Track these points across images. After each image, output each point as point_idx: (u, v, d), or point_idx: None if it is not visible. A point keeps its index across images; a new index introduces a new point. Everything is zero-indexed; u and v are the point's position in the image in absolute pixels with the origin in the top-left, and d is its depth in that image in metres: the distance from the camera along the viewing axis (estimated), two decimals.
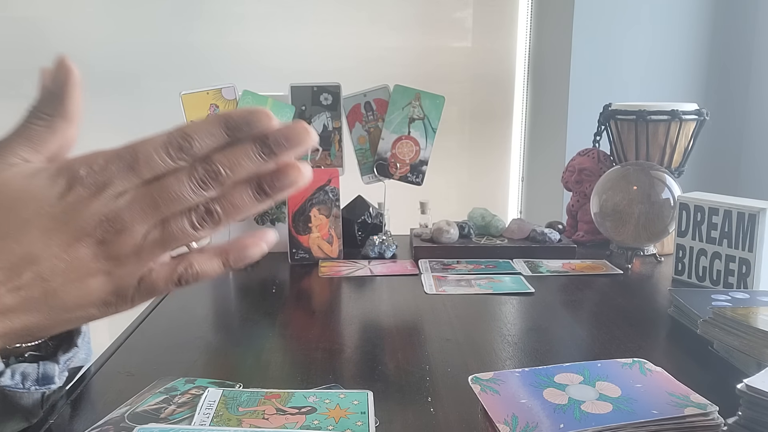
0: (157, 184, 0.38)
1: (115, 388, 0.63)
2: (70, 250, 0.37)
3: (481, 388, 0.56)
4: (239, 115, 0.39)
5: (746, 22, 1.71)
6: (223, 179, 0.38)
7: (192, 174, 0.38)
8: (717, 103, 1.70)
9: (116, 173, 0.37)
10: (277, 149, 0.39)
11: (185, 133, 0.38)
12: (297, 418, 0.54)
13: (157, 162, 0.37)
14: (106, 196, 0.37)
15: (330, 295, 0.94)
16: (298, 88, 1.13)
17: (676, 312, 0.81)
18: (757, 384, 0.48)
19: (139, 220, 0.38)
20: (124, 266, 0.39)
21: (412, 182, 1.14)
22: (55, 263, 0.37)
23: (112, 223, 0.37)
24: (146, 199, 0.38)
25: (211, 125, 0.38)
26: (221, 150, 0.39)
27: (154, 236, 0.38)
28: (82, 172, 0.37)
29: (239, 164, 0.39)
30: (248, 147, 0.39)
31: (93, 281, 0.38)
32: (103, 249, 0.38)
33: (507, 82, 1.97)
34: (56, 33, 1.83)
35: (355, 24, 1.90)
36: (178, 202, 0.38)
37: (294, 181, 0.40)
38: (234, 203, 0.39)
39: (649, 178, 1.06)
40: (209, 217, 0.39)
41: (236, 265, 0.43)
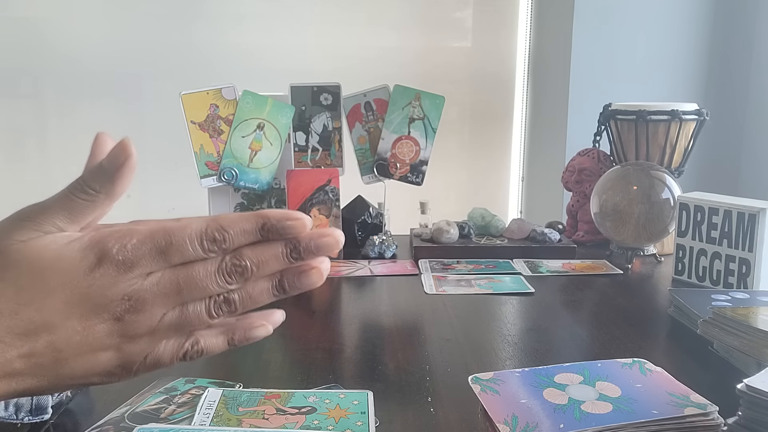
0: (184, 271, 0.38)
1: (115, 388, 0.62)
2: (87, 324, 0.37)
3: (481, 388, 0.56)
4: (277, 219, 0.39)
5: (746, 22, 1.71)
6: (248, 275, 0.39)
7: (220, 266, 0.39)
8: (717, 103, 1.70)
9: (147, 255, 0.38)
10: (305, 255, 0.40)
11: (221, 227, 0.38)
12: (297, 418, 0.54)
13: (189, 251, 0.38)
14: (132, 275, 0.37)
15: (330, 295, 0.94)
16: (298, 88, 1.13)
17: (676, 312, 0.81)
18: (757, 384, 0.48)
19: (160, 303, 0.38)
20: (135, 344, 0.39)
21: (412, 182, 1.14)
22: (71, 335, 0.37)
23: (134, 302, 0.38)
24: (171, 284, 0.38)
25: (248, 223, 0.39)
26: (251, 246, 0.39)
27: (170, 319, 0.39)
28: (114, 250, 0.37)
29: (267, 263, 0.40)
30: (278, 249, 0.40)
31: (103, 355, 0.39)
32: (120, 326, 0.38)
33: (507, 82, 1.97)
34: (56, 33, 1.83)
35: (355, 24, 1.90)
36: (201, 291, 0.39)
37: (315, 283, 0.41)
38: (253, 296, 0.40)
39: (649, 178, 1.06)
40: (227, 306, 0.40)
41: (240, 343, 0.44)
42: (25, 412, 0.55)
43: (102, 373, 0.40)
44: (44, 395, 0.46)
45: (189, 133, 1.06)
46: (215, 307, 0.40)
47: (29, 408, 0.56)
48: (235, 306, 0.40)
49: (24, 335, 0.36)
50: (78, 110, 1.87)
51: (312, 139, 1.14)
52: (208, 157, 1.07)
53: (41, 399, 0.56)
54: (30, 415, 0.56)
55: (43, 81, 1.88)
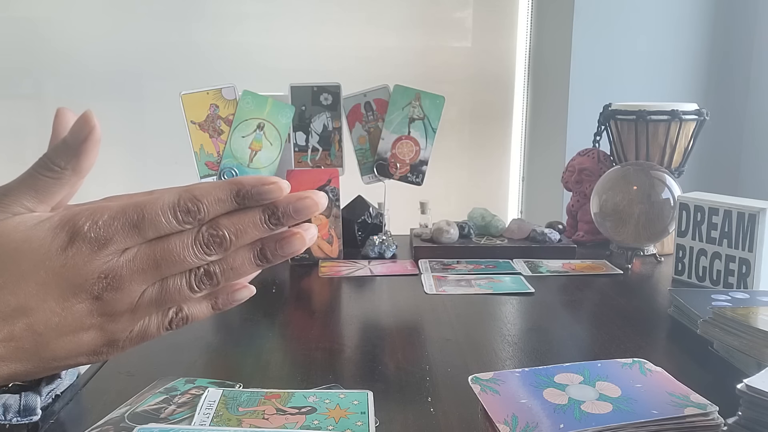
0: (160, 245, 0.37)
1: (115, 388, 0.63)
2: (65, 305, 0.36)
3: (481, 388, 0.56)
4: (251, 184, 0.38)
5: (746, 22, 1.71)
6: (227, 245, 0.38)
7: (197, 238, 0.37)
8: (717, 103, 1.70)
9: (120, 230, 0.36)
10: (285, 220, 0.39)
11: (194, 197, 0.37)
12: (297, 418, 0.54)
13: (162, 223, 0.37)
14: (107, 252, 0.36)
15: (330, 295, 0.94)
16: (298, 88, 1.13)
17: (676, 312, 0.81)
18: (757, 384, 0.48)
19: (138, 279, 0.37)
20: (118, 322, 0.38)
21: (412, 182, 1.14)
22: (50, 317, 0.36)
23: (111, 280, 0.36)
24: (148, 259, 0.37)
25: (222, 191, 0.38)
26: (228, 215, 0.38)
27: (150, 295, 0.38)
28: (85, 227, 0.36)
29: (245, 231, 0.38)
30: (256, 215, 0.38)
31: (85, 335, 0.38)
32: (99, 305, 0.37)
33: (507, 82, 1.97)
34: (56, 33, 1.83)
35: (354, 24, 1.90)
36: (179, 265, 0.38)
37: (297, 249, 0.40)
38: (234, 267, 0.39)
39: (649, 178, 1.06)
40: (208, 279, 0.39)
41: (225, 307, 0.42)
42: (14, 413, 0.54)
43: (88, 352, 0.39)
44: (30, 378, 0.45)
45: (189, 133, 1.06)
46: (196, 281, 0.39)
47: (17, 408, 0.54)
48: (217, 278, 0.39)
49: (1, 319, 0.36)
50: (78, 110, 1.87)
51: (312, 139, 1.14)
52: (208, 157, 1.07)
53: (29, 399, 0.55)
54: (18, 416, 0.54)
55: (44, 81, 1.88)
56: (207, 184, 0.38)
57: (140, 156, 1.88)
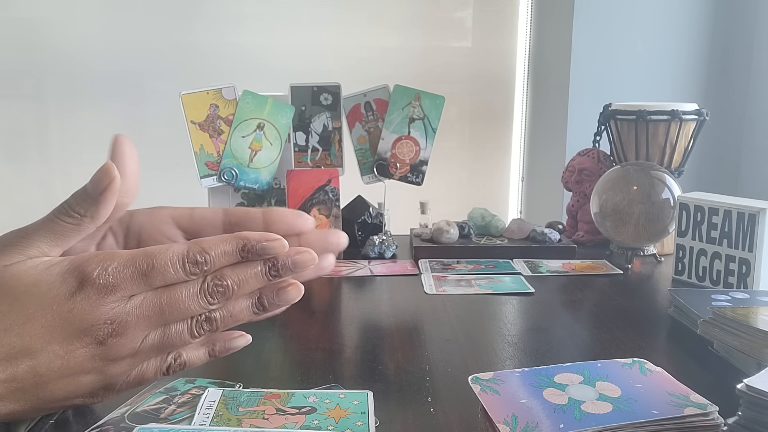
0: (166, 294, 0.38)
1: None
2: (69, 348, 0.37)
3: (481, 388, 0.56)
4: (257, 240, 0.40)
5: (746, 22, 1.71)
6: (229, 294, 0.40)
7: (202, 288, 0.39)
8: (717, 103, 1.70)
9: (129, 278, 0.37)
10: (284, 272, 0.41)
11: (202, 249, 0.39)
12: (297, 418, 0.54)
13: (170, 273, 0.38)
14: (114, 299, 0.37)
15: (330, 295, 0.94)
16: (298, 88, 1.13)
17: (676, 312, 0.81)
18: (757, 384, 0.48)
19: (142, 325, 0.38)
20: (117, 366, 0.39)
21: (412, 182, 1.14)
22: (53, 359, 0.37)
23: (116, 326, 0.37)
24: (153, 306, 0.38)
25: (229, 245, 0.39)
26: (231, 266, 0.40)
27: (152, 340, 0.39)
28: (94, 274, 0.37)
29: (247, 282, 0.40)
30: (258, 267, 0.41)
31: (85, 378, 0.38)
32: (102, 350, 0.38)
33: (507, 82, 1.97)
34: (56, 33, 1.83)
35: (354, 24, 1.90)
36: (183, 312, 0.39)
37: (293, 299, 0.43)
38: (233, 314, 0.41)
39: (649, 178, 1.06)
40: (208, 325, 0.40)
41: (221, 354, 0.44)
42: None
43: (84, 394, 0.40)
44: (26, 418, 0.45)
45: (189, 133, 1.06)
46: (197, 327, 0.40)
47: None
48: (216, 325, 0.41)
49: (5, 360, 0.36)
50: (79, 110, 1.87)
51: (312, 139, 1.14)
52: (208, 157, 1.07)
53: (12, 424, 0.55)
54: None
55: (44, 81, 1.88)
56: (214, 237, 0.40)
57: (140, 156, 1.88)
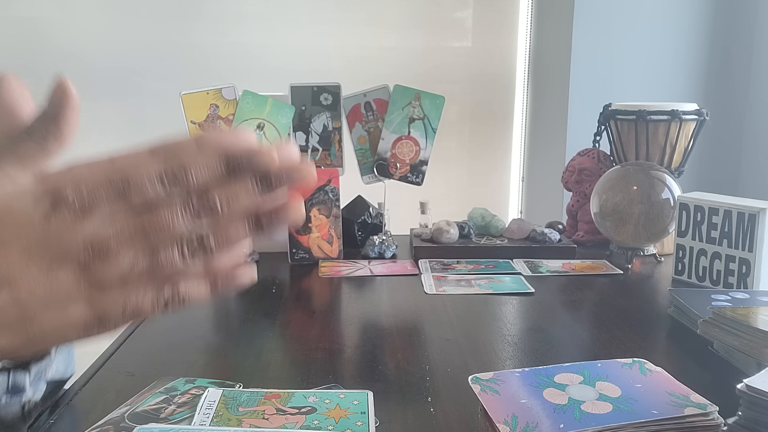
0: (148, 213, 0.36)
1: (115, 388, 0.63)
2: (50, 274, 0.35)
3: (481, 388, 0.56)
4: (242, 152, 0.36)
5: (746, 22, 1.71)
6: (218, 213, 0.36)
7: (186, 205, 0.36)
8: (717, 103, 1.70)
9: (105, 198, 0.35)
10: (277, 186, 0.37)
11: (183, 164, 0.36)
12: (297, 418, 0.54)
13: (149, 191, 0.35)
14: (92, 220, 0.35)
15: (330, 295, 0.94)
16: (298, 88, 1.13)
17: (676, 312, 0.81)
18: (757, 384, 0.48)
19: (126, 247, 0.36)
20: (107, 294, 0.37)
21: (412, 182, 1.14)
22: (34, 287, 0.35)
23: (98, 249, 0.35)
24: (135, 228, 0.36)
25: (211, 158, 0.36)
26: (218, 182, 0.37)
27: (141, 265, 0.36)
28: (69, 194, 0.35)
29: (237, 199, 0.37)
30: (248, 183, 0.37)
31: (74, 308, 0.36)
32: (87, 276, 0.36)
33: (507, 82, 1.97)
34: (56, 33, 1.83)
35: (354, 24, 1.90)
36: (169, 233, 0.36)
37: (294, 219, 0.39)
38: (228, 236, 0.37)
39: (649, 178, 1.06)
40: (201, 249, 0.37)
41: (224, 291, 0.41)
42: (2, 392, 0.52)
43: (77, 327, 0.37)
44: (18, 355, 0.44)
45: (189, 133, 1.06)
46: (189, 250, 0.37)
47: (5, 387, 0.53)
48: (210, 247, 0.37)
49: None
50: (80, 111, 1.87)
51: (312, 139, 1.14)
52: None
53: (17, 378, 0.53)
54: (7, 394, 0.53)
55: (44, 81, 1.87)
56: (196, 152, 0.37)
57: None
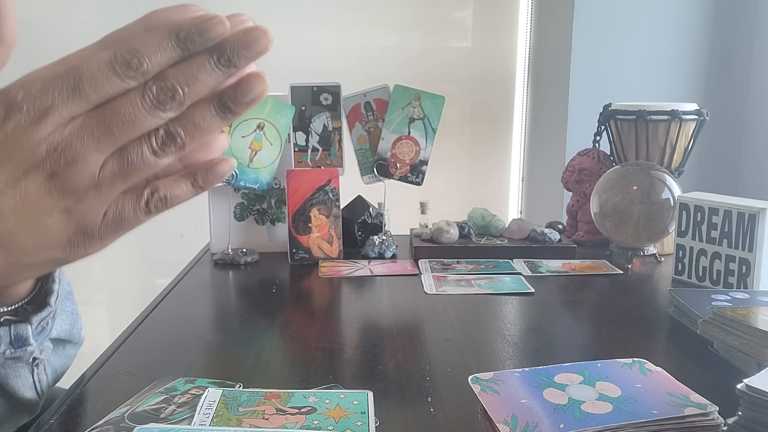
0: (107, 107, 0.34)
1: (115, 388, 0.63)
2: (17, 185, 0.34)
3: (481, 388, 0.56)
4: (191, 24, 0.34)
5: (746, 21, 1.71)
6: (180, 97, 0.34)
7: (145, 93, 0.34)
8: (717, 103, 1.70)
9: (58, 97, 0.33)
10: (236, 59, 0.35)
11: (132, 48, 0.34)
12: (297, 418, 0.54)
13: (104, 83, 0.33)
14: (49, 123, 0.33)
15: (330, 295, 0.94)
16: (298, 88, 1.13)
17: (676, 312, 0.81)
18: (757, 384, 0.48)
19: (91, 148, 0.34)
20: (83, 202, 0.35)
21: (412, 182, 1.14)
22: (3, 200, 0.33)
23: (62, 153, 0.33)
24: (97, 124, 0.34)
25: (161, 38, 0.34)
26: (174, 65, 0.34)
27: (111, 167, 0.35)
28: (19, 98, 0.33)
29: (196, 79, 0.34)
30: (204, 59, 0.34)
31: (51, 220, 0.35)
32: (57, 183, 0.34)
33: (507, 82, 1.97)
34: (56, 33, 1.83)
35: (355, 24, 1.90)
36: (133, 126, 0.34)
37: (260, 93, 0.36)
38: (196, 123, 0.35)
39: (649, 178, 1.06)
40: (171, 141, 0.35)
41: (206, 185, 0.39)
42: (5, 345, 0.51)
43: (61, 243, 0.36)
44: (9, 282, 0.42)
45: None
46: (158, 144, 0.35)
47: (9, 340, 0.51)
48: (181, 138, 0.35)
49: None
50: None
51: (312, 139, 1.14)
52: None
53: (19, 329, 0.52)
54: (11, 347, 0.51)
55: None
56: (144, 34, 0.35)
57: None
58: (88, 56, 0.34)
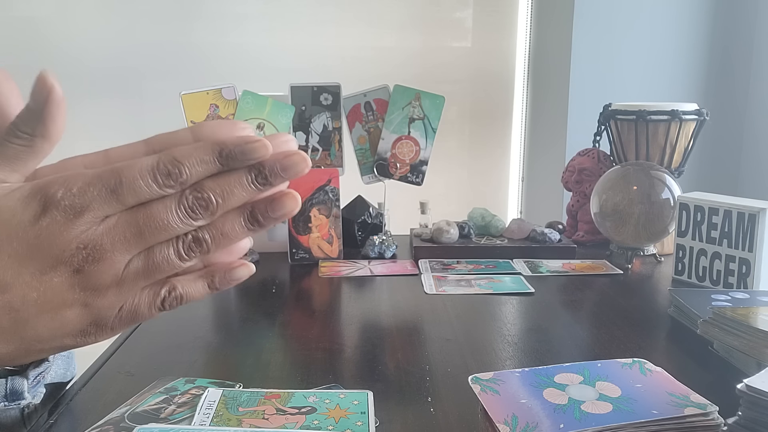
0: (142, 211, 0.35)
1: (115, 388, 0.63)
2: (43, 278, 0.34)
3: (481, 388, 0.56)
4: (235, 144, 0.35)
5: (746, 21, 1.71)
6: (213, 208, 0.36)
7: (181, 202, 0.35)
8: (717, 103, 1.70)
9: (96, 197, 0.34)
10: (273, 179, 0.36)
11: (175, 159, 0.35)
12: (297, 418, 0.54)
13: (142, 188, 0.34)
14: (84, 221, 0.34)
15: (330, 295, 0.94)
16: (298, 88, 1.13)
17: (676, 312, 0.81)
18: (757, 384, 0.48)
19: (120, 248, 0.35)
20: (103, 297, 0.36)
21: (412, 182, 1.14)
22: (27, 292, 0.34)
23: (91, 251, 0.34)
24: (129, 226, 0.35)
25: (204, 152, 0.35)
26: (212, 177, 0.36)
27: (136, 266, 0.36)
28: (59, 195, 0.34)
29: (232, 193, 0.36)
30: (242, 175, 0.36)
31: (69, 312, 0.36)
32: (81, 279, 0.35)
33: (507, 82, 1.97)
34: (56, 33, 1.83)
35: (354, 24, 1.90)
36: (164, 231, 0.35)
37: (290, 210, 0.38)
38: (225, 232, 0.37)
39: (649, 178, 1.06)
40: (198, 246, 0.36)
41: (222, 287, 0.40)
42: (0, 398, 0.52)
43: (73, 332, 0.36)
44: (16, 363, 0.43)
45: None
46: (185, 248, 0.36)
47: (4, 393, 0.52)
48: (207, 245, 0.36)
49: None
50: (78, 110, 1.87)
51: (312, 139, 1.14)
52: None
53: (15, 383, 0.53)
54: (5, 400, 0.52)
55: None
56: (188, 146, 0.36)
57: None
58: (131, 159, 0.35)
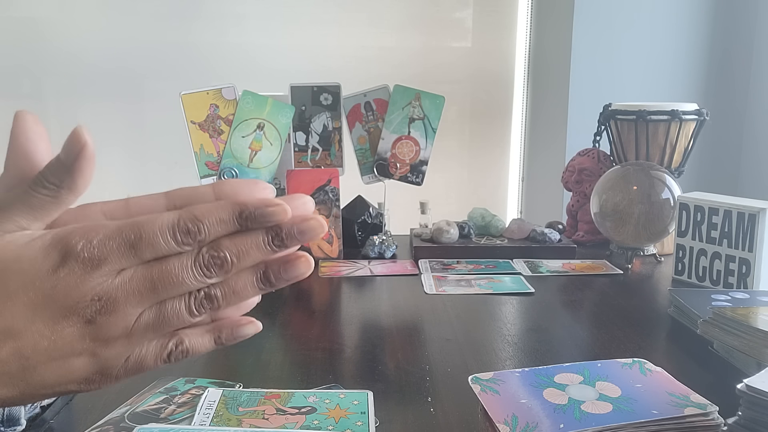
0: (157, 267, 0.36)
1: (115, 388, 0.63)
2: (56, 328, 0.35)
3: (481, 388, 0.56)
4: (255, 206, 0.36)
5: (746, 21, 1.71)
6: (228, 267, 0.36)
7: (197, 259, 0.36)
8: (717, 103, 1.70)
9: (115, 251, 0.35)
10: (289, 242, 0.37)
11: (194, 217, 0.35)
12: (297, 418, 0.54)
13: (161, 244, 0.35)
14: (100, 273, 0.35)
15: (330, 295, 0.94)
16: (298, 88, 1.13)
17: (676, 312, 0.81)
18: (757, 384, 0.48)
19: (133, 302, 0.35)
20: (111, 348, 0.36)
21: (412, 182, 1.14)
22: (38, 340, 0.35)
23: (105, 303, 0.35)
24: (144, 281, 0.35)
25: (224, 212, 0.36)
26: (229, 236, 0.36)
27: (146, 319, 0.36)
28: (78, 247, 0.34)
29: (248, 253, 0.36)
30: (259, 237, 0.36)
31: (77, 361, 0.36)
32: (92, 329, 0.35)
33: (507, 82, 1.97)
34: (56, 33, 1.83)
35: (354, 24, 1.90)
36: (177, 287, 0.36)
37: (303, 273, 0.38)
38: (236, 290, 0.37)
39: (649, 178, 1.06)
40: (208, 303, 0.37)
41: (228, 342, 0.41)
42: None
43: (78, 380, 0.37)
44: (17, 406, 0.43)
45: (189, 133, 1.06)
46: (196, 304, 0.37)
47: (0, 419, 0.53)
48: (218, 302, 0.37)
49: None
50: (79, 110, 1.87)
51: (312, 139, 1.14)
52: (208, 157, 1.07)
53: (13, 410, 0.53)
54: (2, 426, 0.53)
55: (44, 81, 1.88)
56: (208, 204, 0.36)
57: (140, 156, 1.88)
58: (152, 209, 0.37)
